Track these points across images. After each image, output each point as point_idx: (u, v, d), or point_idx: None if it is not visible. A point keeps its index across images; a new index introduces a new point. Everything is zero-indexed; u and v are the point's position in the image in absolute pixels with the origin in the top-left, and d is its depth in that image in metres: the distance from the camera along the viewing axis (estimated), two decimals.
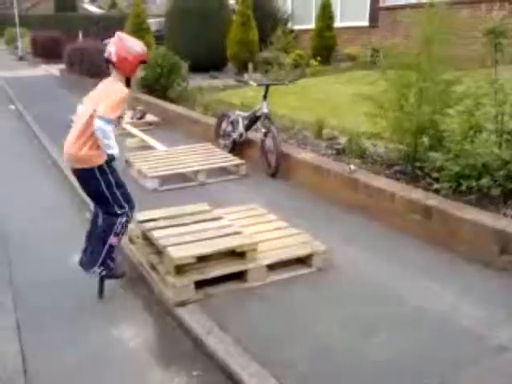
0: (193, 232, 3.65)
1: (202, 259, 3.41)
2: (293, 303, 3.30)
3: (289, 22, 17.11)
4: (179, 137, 7.81)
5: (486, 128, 4.41)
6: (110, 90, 3.41)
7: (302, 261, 3.71)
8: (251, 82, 6.83)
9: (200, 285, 3.36)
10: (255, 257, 3.52)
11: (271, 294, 3.39)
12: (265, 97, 6.13)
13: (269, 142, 5.93)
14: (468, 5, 10.16)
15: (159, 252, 3.57)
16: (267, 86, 6.23)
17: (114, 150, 3.41)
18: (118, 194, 3.46)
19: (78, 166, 3.42)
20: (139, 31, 14.18)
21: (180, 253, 3.33)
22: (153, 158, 6.24)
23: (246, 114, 6.51)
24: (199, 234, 3.62)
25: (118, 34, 3.52)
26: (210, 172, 5.89)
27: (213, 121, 7.45)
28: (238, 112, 6.78)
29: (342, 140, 6.06)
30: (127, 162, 6.29)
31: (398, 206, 4.34)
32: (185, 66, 10.17)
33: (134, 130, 8.06)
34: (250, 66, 12.68)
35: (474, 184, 4.13)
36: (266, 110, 6.09)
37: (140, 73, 3.67)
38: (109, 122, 3.31)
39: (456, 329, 2.98)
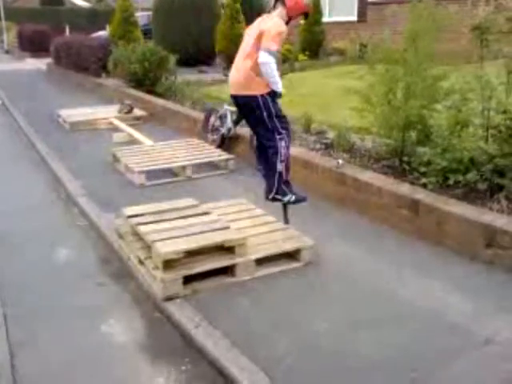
0: (181, 227, 3.65)
1: (190, 254, 3.41)
2: (281, 297, 3.31)
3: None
4: (167, 131, 7.79)
5: (472, 123, 4.44)
6: (271, 24, 3.66)
7: (290, 255, 3.72)
8: None
9: (188, 280, 3.36)
10: (243, 251, 3.52)
11: (259, 289, 3.40)
12: None
13: None
14: (455, 1, 10.21)
15: (147, 247, 3.56)
16: None
17: (279, 87, 3.68)
18: (276, 122, 3.72)
19: (243, 92, 3.72)
20: (127, 25, 14.05)
21: (168, 248, 3.33)
22: (140, 153, 6.22)
23: (234, 109, 6.49)
24: (187, 228, 3.62)
25: None
26: (197, 167, 5.88)
27: (201, 115, 7.43)
28: (226, 106, 6.76)
29: (331, 134, 6.07)
30: (114, 156, 6.26)
31: (386, 200, 4.36)
32: (173, 60, 10.12)
33: (122, 125, 8.02)
34: None
35: (460, 178, 4.16)
36: None
37: (295, 22, 3.99)
38: (271, 54, 3.56)
39: (443, 322, 3.01)
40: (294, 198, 3.89)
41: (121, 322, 3.25)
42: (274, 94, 3.75)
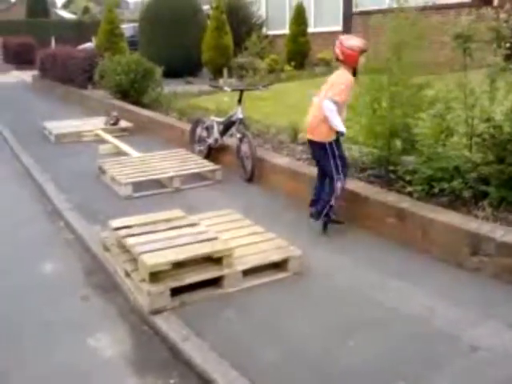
0: (168, 238, 3.63)
1: (178, 266, 3.39)
2: (268, 308, 3.30)
3: (263, 28, 17.18)
4: (153, 143, 7.76)
5: (457, 131, 4.48)
6: (338, 80, 4.27)
7: (278, 265, 3.71)
8: (225, 88, 6.83)
9: (176, 292, 3.33)
10: (231, 262, 3.51)
11: (247, 300, 3.39)
12: (239, 102, 6.14)
13: (244, 148, 5.94)
14: (437, 10, 10.33)
15: (134, 259, 3.54)
16: (241, 92, 6.24)
17: (340, 128, 4.23)
18: (338, 163, 4.30)
19: (316, 138, 4.35)
20: (112, 37, 14.06)
21: (155, 259, 3.31)
22: (126, 165, 6.18)
23: (221, 120, 6.50)
24: (174, 240, 3.60)
25: (340, 38, 4.39)
26: (184, 178, 5.87)
27: (188, 126, 7.43)
28: (212, 117, 6.77)
29: None
30: (100, 168, 6.22)
31: (372, 209, 4.38)
32: (159, 71, 10.12)
33: (108, 136, 7.99)
34: (225, 71, 12.69)
35: (446, 186, 4.19)
36: (241, 116, 6.10)
37: (363, 60, 4.30)
38: (333, 101, 4.16)
39: (429, 330, 3.02)
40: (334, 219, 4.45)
41: (107, 336, 3.21)
42: (338, 136, 4.33)
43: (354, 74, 4.31)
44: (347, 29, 14.51)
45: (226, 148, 6.54)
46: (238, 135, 6.05)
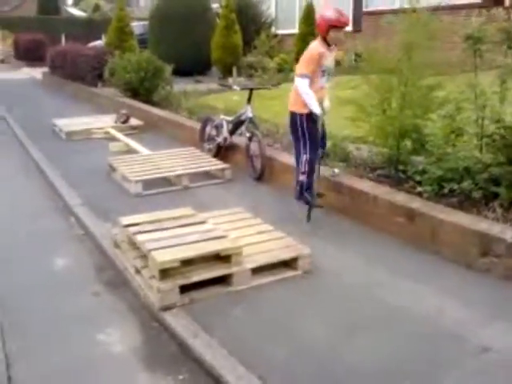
0: (177, 236, 3.65)
1: (187, 263, 3.41)
2: (277, 306, 3.32)
3: (272, 27, 17.18)
4: (163, 141, 7.80)
5: (467, 132, 4.48)
6: (304, 53, 4.43)
7: (287, 264, 3.73)
8: (235, 87, 6.85)
9: (185, 289, 3.36)
10: (240, 260, 3.53)
11: (256, 298, 3.41)
12: (249, 101, 6.15)
13: (253, 146, 5.95)
14: (449, 11, 10.30)
15: (144, 256, 3.57)
16: (251, 90, 6.25)
17: (314, 109, 4.32)
18: (306, 138, 4.42)
19: (291, 108, 4.53)
20: (122, 35, 14.13)
21: (164, 257, 3.33)
22: (136, 162, 6.22)
23: (230, 118, 6.52)
24: (184, 237, 3.62)
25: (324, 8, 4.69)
26: (194, 176, 5.89)
27: (197, 125, 7.45)
28: (222, 116, 6.79)
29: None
30: (110, 166, 6.27)
31: (382, 208, 4.39)
32: (168, 69, 10.16)
33: (118, 134, 8.03)
34: (235, 70, 12.71)
35: (455, 187, 4.19)
36: (250, 114, 6.11)
37: (335, 36, 4.36)
38: (302, 77, 4.32)
39: (438, 330, 3.02)
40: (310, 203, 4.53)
41: (118, 332, 3.25)
42: (313, 116, 4.40)
43: (329, 45, 4.42)
44: (357, 29, 14.50)
45: (235, 147, 6.56)
46: (248, 134, 6.06)
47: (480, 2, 10.77)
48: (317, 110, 4.36)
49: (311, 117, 4.41)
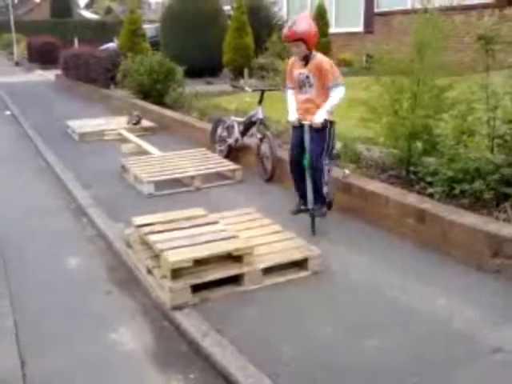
0: (189, 236, 3.69)
1: (199, 263, 3.44)
2: (288, 306, 3.34)
3: (284, 28, 17.18)
4: (175, 142, 7.85)
5: (478, 133, 4.46)
6: None
7: (298, 264, 3.74)
8: (246, 88, 6.88)
9: (196, 288, 3.39)
10: (251, 261, 3.55)
11: (267, 298, 3.43)
12: (260, 102, 6.18)
13: (264, 148, 5.97)
14: (461, 11, 10.26)
15: (156, 256, 3.60)
16: (262, 92, 6.27)
17: (289, 116, 4.42)
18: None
19: None
20: (135, 37, 14.23)
21: (176, 256, 3.37)
22: (149, 163, 6.27)
23: (241, 120, 6.55)
24: (195, 238, 3.65)
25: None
26: (205, 177, 5.93)
27: (208, 126, 7.49)
28: (233, 117, 6.82)
29: (337, 145, 6.10)
30: (123, 167, 6.32)
31: (392, 210, 4.38)
32: (180, 71, 10.21)
33: (130, 136, 8.10)
34: (246, 71, 12.73)
35: (467, 188, 4.18)
36: (261, 116, 6.13)
37: (294, 49, 4.34)
38: (286, 88, 4.59)
39: (449, 331, 3.02)
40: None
41: (129, 331, 3.28)
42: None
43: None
44: (368, 30, 14.49)
45: (246, 148, 6.59)
46: (259, 135, 6.09)
47: (493, 2, 10.71)
48: (289, 116, 4.39)
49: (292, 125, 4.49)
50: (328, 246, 4.04)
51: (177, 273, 3.36)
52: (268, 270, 3.60)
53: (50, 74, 18.95)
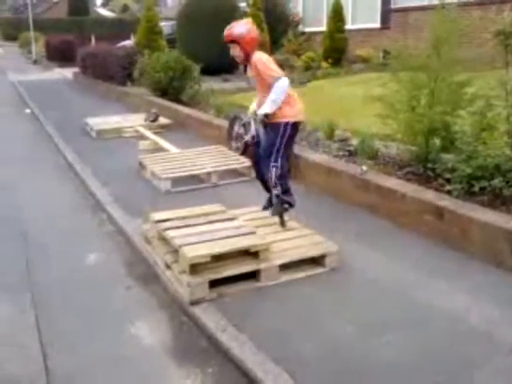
0: (207, 232, 3.71)
1: (216, 258, 3.47)
2: (305, 302, 3.35)
3: (300, 25, 17.15)
4: (192, 139, 7.89)
5: (497, 129, 4.42)
6: None
7: (315, 261, 3.75)
8: None
9: (214, 284, 3.42)
10: (268, 257, 3.57)
11: (284, 294, 3.44)
12: None
13: None
14: (478, 6, 10.15)
15: (174, 251, 3.64)
16: None
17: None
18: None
19: None
20: (151, 34, 14.31)
21: (195, 252, 3.40)
22: (166, 160, 6.32)
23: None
24: (214, 233, 3.68)
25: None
26: (222, 174, 5.96)
27: (225, 123, 7.50)
28: (250, 114, 6.81)
29: (354, 141, 6.09)
30: (140, 163, 6.38)
31: (410, 206, 4.37)
32: (197, 68, 10.25)
33: (147, 133, 8.16)
34: None
35: (486, 185, 4.15)
36: None
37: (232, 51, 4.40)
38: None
39: (467, 329, 3.00)
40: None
41: (148, 325, 3.32)
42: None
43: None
44: (385, 26, 14.39)
45: None
46: None
47: None
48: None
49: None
50: (345, 242, 4.04)
51: (195, 268, 3.40)
52: (285, 267, 3.62)
53: (68, 72, 19.14)
